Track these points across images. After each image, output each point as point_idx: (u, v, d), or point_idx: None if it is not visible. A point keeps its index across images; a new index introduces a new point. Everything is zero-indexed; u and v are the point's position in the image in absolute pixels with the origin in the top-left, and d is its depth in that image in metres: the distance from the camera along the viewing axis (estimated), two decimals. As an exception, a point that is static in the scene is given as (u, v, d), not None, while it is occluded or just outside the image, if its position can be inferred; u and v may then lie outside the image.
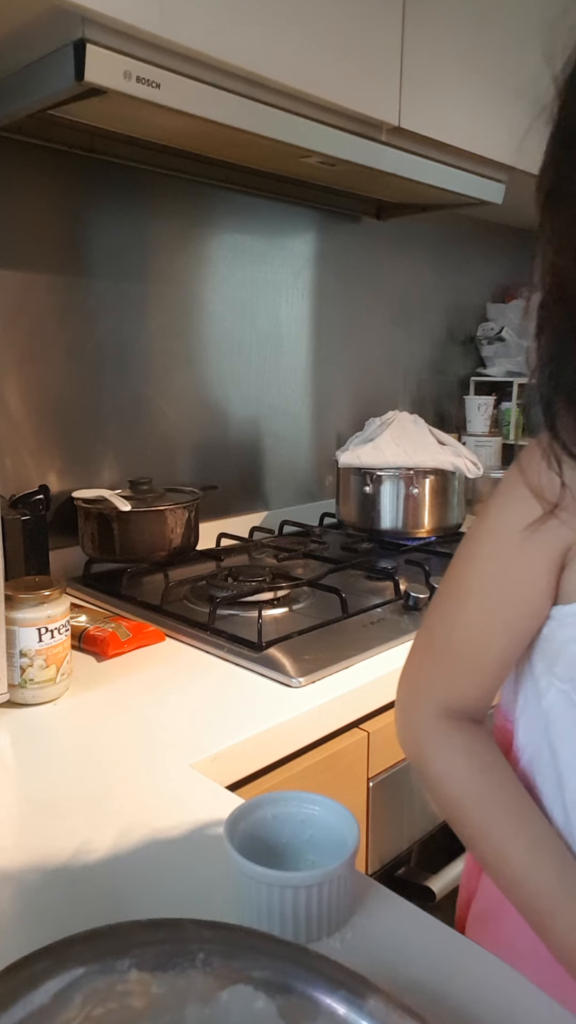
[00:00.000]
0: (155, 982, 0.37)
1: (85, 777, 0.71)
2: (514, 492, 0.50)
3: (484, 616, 0.53)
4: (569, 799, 0.50)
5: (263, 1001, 0.37)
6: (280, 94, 1.03)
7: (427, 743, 0.55)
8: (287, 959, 0.39)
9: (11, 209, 1.19)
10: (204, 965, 0.38)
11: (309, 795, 0.57)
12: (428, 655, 0.57)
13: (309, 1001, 0.37)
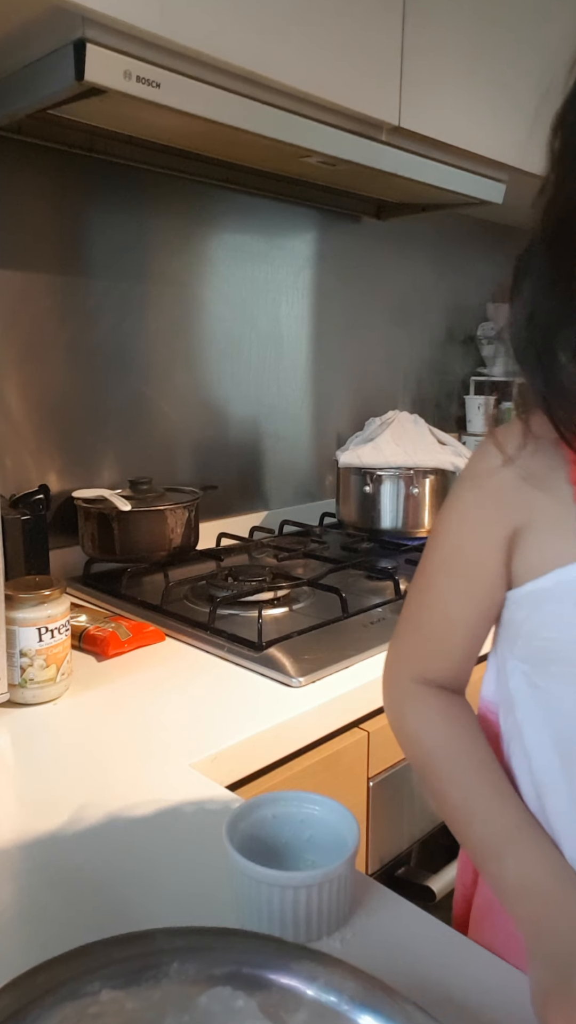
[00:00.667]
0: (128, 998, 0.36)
1: (85, 777, 0.71)
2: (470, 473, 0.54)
3: (449, 593, 0.56)
4: (537, 777, 0.51)
5: (242, 999, 0.37)
6: (280, 94, 1.03)
7: (407, 703, 0.58)
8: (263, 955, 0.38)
9: (11, 209, 1.19)
10: (178, 974, 0.37)
11: (309, 795, 0.57)
12: (406, 631, 0.60)
13: (289, 993, 0.37)
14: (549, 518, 0.48)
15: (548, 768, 0.51)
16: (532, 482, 0.49)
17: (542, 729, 0.51)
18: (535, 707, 0.51)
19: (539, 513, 0.49)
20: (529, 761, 0.52)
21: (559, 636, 0.48)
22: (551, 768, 0.50)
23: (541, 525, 0.49)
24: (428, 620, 0.58)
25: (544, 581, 0.48)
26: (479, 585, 0.53)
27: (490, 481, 0.51)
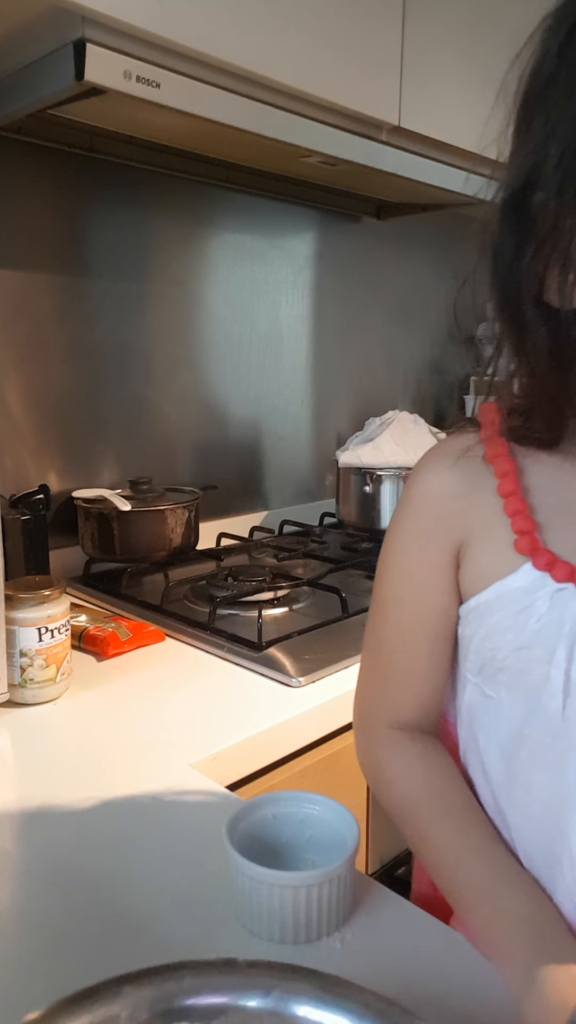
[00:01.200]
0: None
1: (85, 777, 0.71)
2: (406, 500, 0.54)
3: (402, 626, 0.55)
4: (494, 784, 0.52)
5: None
6: (280, 94, 1.03)
7: (382, 752, 0.57)
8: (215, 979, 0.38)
9: (11, 209, 1.19)
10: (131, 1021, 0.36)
11: (309, 795, 0.57)
12: (369, 673, 0.59)
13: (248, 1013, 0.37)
14: (484, 533, 0.49)
15: (499, 774, 0.51)
16: (466, 499, 0.50)
17: (490, 739, 0.51)
18: (486, 717, 0.51)
19: (477, 528, 0.50)
20: (484, 769, 0.52)
21: (502, 646, 0.48)
22: (500, 773, 0.51)
23: (478, 540, 0.50)
24: (390, 660, 0.57)
25: (485, 595, 0.49)
26: (434, 611, 0.53)
27: (426, 505, 0.53)
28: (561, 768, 0.46)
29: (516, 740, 0.49)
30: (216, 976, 0.38)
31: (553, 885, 0.47)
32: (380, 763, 0.58)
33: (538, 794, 0.48)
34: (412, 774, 0.55)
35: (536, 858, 0.48)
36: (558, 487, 0.49)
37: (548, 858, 0.48)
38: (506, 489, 0.48)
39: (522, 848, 0.50)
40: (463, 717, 0.54)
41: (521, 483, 0.48)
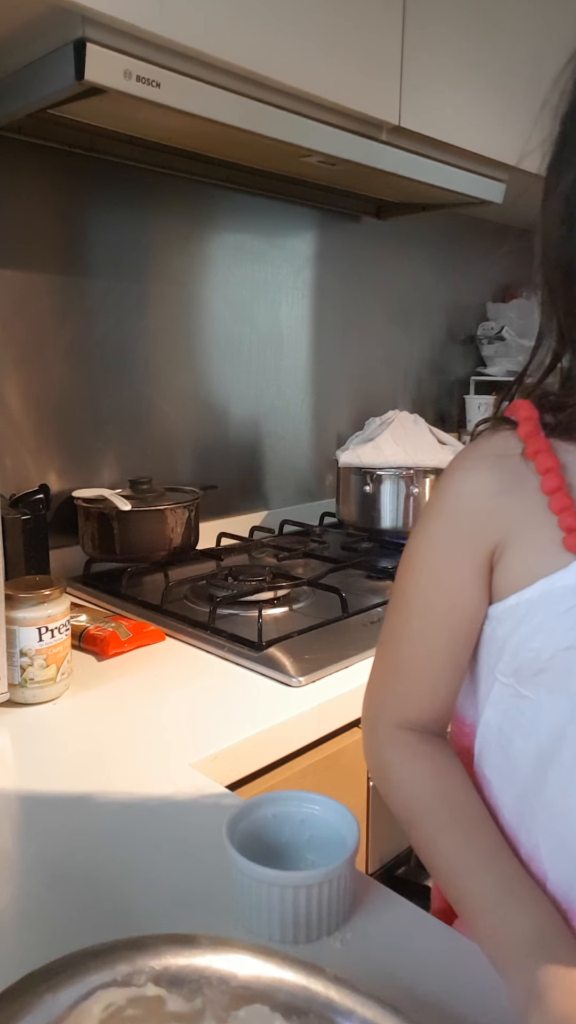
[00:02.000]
0: (170, 999, 0.37)
1: (85, 776, 0.71)
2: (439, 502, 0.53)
3: (425, 627, 0.54)
4: (522, 786, 0.51)
5: (280, 1022, 0.37)
6: (280, 93, 1.03)
7: (390, 752, 0.57)
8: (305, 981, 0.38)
9: (11, 209, 1.19)
10: (220, 983, 0.38)
11: (309, 795, 0.57)
12: (383, 671, 0.58)
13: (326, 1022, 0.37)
14: (527, 531, 0.48)
15: (531, 775, 0.50)
16: (506, 498, 0.49)
17: (527, 739, 0.50)
18: (522, 718, 0.51)
19: (517, 527, 0.49)
20: (512, 771, 0.52)
21: (548, 645, 0.48)
22: (532, 775, 0.50)
23: (520, 539, 0.49)
24: (408, 660, 0.56)
25: (528, 593, 0.48)
26: (460, 615, 0.53)
27: (461, 507, 0.52)
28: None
29: (558, 741, 0.48)
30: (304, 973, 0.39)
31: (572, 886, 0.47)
32: (388, 763, 0.57)
33: (573, 795, 0.47)
34: (421, 777, 0.54)
35: (564, 857, 0.48)
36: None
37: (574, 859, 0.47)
38: (550, 486, 0.47)
39: (549, 848, 0.49)
40: (489, 719, 0.53)
41: (566, 480, 0.47)
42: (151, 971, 0.37)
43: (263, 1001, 0.38)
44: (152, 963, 0.38)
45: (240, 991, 0.38)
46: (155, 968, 0.38)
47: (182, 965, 0.38)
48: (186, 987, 0.37)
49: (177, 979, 0.38)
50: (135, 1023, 0.36)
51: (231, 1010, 0.37)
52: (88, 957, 0.37)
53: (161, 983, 0.37)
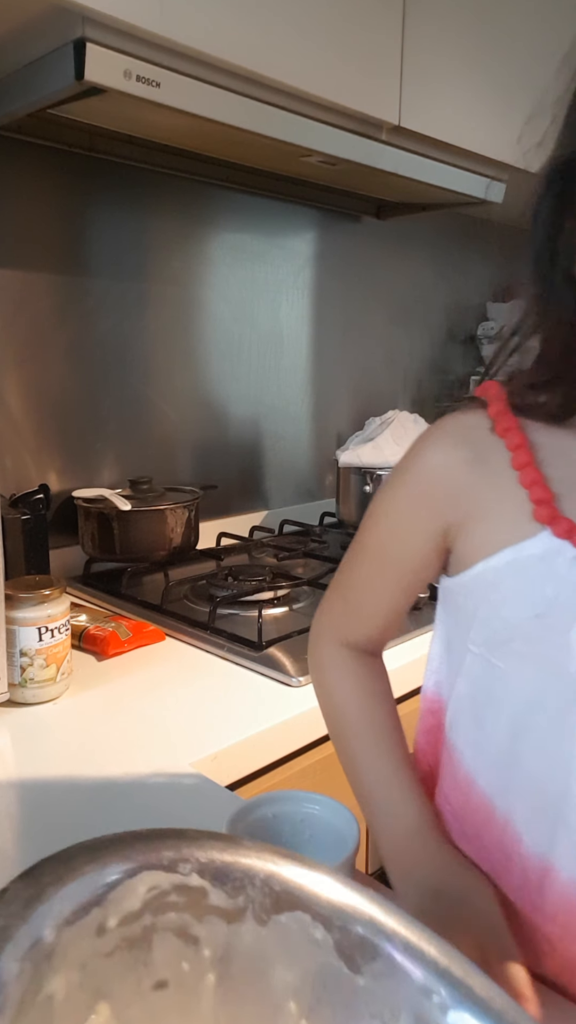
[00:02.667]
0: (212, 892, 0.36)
1: (85, 776, 0.71)
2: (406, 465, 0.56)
3: (374, 571, 0.59)
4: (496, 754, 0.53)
5: (321, 932, 0.37)
6: (280, 93, 1.03)
7: (326, 661, 0.63)
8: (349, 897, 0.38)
9: (11, 208, 1.19)
10: (263, 884, 0.37)
11: (309, 794, 0.57)
12: (334, 599, 0.63)
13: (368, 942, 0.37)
14: (495, 504, 0.51)
15: (505, 743, 0.52)
16: (473, 471, 0.52)
17: (500, 709, 0.52)
18: (494, 687, 0.52)
19: (484, 499, 0.51)
20: (486, 739, 0.53)
21: (517, 612, 0.49)
22: (507, 743, 0.52)
23: (487, 511, 0.51)
24: (355, 595, 0.62)
25: (495, 560, 0.50)
26: (409, 567, 0.57)
27: (426, 477, 0.54)
28: (573, 730, 0.47)
29: (531, 708, 0.50)
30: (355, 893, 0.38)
31: (553, 842, 0.49)
32: (323, 671, 0.63)
33: (549, 759, 0.49)
34: (347, 690, 0.60)
35: (539, 821, 0.50)
36: (569, 460, 0.50)
37: (551, 819, 0.49)
38: (520, 461, 0.50)
39: (524, 813, 0.51)
40: (461, 691, 0.55)
41: (535, 455, 0.50)
42: (196, 862, 0.36)
43: (305, 909, 0.37)
44: (197, 854, 0.36)
45: (283, 895, 0.37)
46: (200, 859, 0.36)
47: (227, 860, 0.37)
48: (229, 883, 0.36)
49: (221, 873, 0.37)
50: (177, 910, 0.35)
51: (272, 913, 0.37)
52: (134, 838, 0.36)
53: (205, 875, 0.36)
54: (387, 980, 0.36)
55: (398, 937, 0.37)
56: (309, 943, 0.37)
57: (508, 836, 0.52)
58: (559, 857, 0.48)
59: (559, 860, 0.48)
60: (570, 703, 0.48)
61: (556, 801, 0.48)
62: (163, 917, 0.35)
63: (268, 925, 0.37)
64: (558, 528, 0.47)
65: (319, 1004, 0.37)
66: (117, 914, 0.33)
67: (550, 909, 0.49)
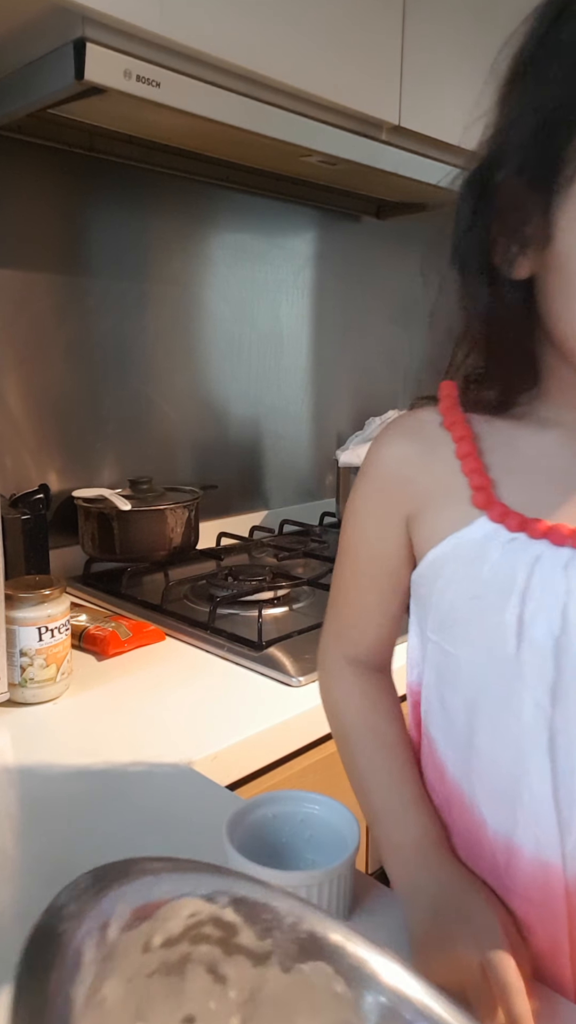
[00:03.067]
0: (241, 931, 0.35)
1: (85, 776, 0.71)
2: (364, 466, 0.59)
3: (355, 576, 0.61)
4: (460, 740, 0.53)
5: (342, 987, 0.36)
6: (280, 93, 1.03)
7: (333, 680, 0.63)
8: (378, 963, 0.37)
9: (11, 208, 1.19)
10: (291, 930, 0.36)
11: (309, 794, 0.57)
12: (329, 614, 0.64)
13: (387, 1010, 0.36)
14: (442, 493, 0.53)
15: (464, 728, 0.53)
16: (423, 463, 0.54)
17: (456, 694, 0.53)
18: (449, 674, 0.54)
19: (433, 490, 0.53)
20: (450, 726, 0.54)
21: (458, 595, 0.51)
22: (466, 727, 0.53)
23: (436, 500, 0.53)
24: (344, 605, 0.62)
25: (441, 547, 0.52)
26: (384, 566, 0.58)
27: (382, 472, 0.57)
28: (519, 710, 0.48)
29: (479, 690, 0.51)
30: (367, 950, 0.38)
31: (514, 822, 0.50)
32: (330, 690, 0.63)
33: (501, 740, 0.50)
34: (352, 706, 0.61)
35: (499, 802, 0.51)
36: (510, 448, 0.52)
37: (510, 799, 0.50)
38: (463, 451, 0.52)
39: (485, 795, 0.52)
40: (428, 680, 0.56)
41: (477, 446, 0.52)
42: (231, 895, 0.36)
43: (328, 960, 0.36)
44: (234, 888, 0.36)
45: (306, 945, 0.36)
46: (235, 894, 0.36)
47: (259, 900, 0.36)
48: (259, 924, 0.36)
49: (253, 912, 0.36)
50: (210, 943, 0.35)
51: (296, 961, 0.36)
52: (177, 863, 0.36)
53: (240, 911, 0.36)
54: None
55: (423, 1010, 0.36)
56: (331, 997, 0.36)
57: (475, 820, 0.52)
58: (520, 837, 0.49)
59: (520, 840, 0.49)
60: (512, 683, 0.48)
61: (512, 782, 0.49)
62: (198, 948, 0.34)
63: (291, 973, 0.36)
64: (493, 512, 0.49)
65: None
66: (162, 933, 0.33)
67: (520, 891, 0.50)
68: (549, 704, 0.47)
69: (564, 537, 0.47)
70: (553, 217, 0.44)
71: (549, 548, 0.47)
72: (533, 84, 0.45)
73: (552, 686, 0.46)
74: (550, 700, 0.47)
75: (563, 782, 0.47)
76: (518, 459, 0.52)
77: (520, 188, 0.46)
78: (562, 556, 0.47)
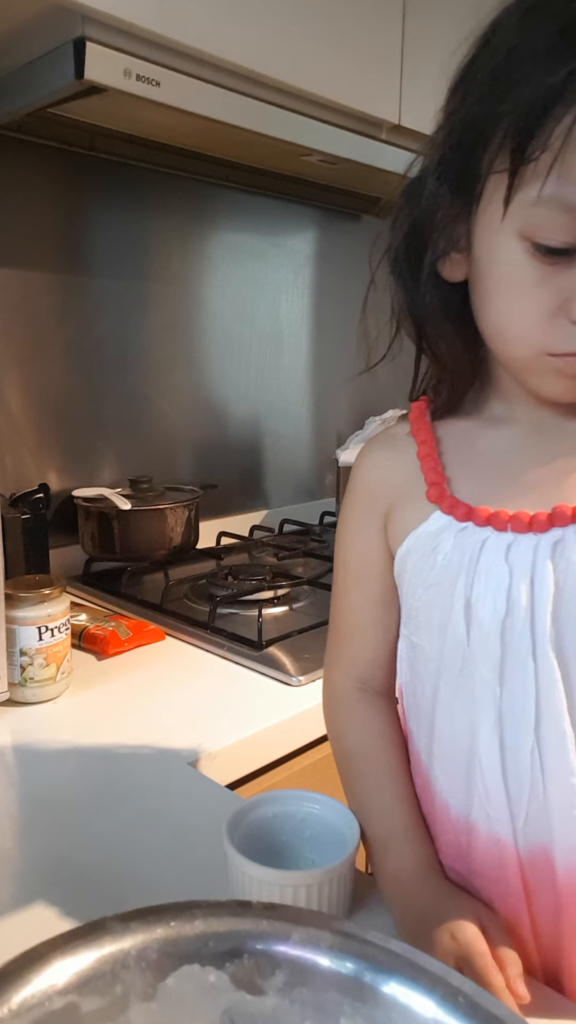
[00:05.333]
0: (83, 1001, 0.34)
1: (85, 775, 0.72)
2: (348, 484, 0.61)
3: (348, 592, 0.62)
4: (425, 727, 0.55)
5: (214, 974, 0.35)
6: (280, 92, 1.03)
7: (337, 705, 0.63)
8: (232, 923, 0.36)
9: (11, 207, 1.19)
10: (139, 961, 0.35)
11: (309, 794, 0.57)
12: (330, 637, 0.65)
13: (264, 956, 0.35)
14: (407, 494, 0.55)
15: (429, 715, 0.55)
16: (392, 469, 0.58)
17: (424, 684, 0.55)
18: (417, 664, 0.56)
19: (401, 492, 0.56)
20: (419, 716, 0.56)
21: (417, 585, 0.54)
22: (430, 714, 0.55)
23: (403, 501, 0.56)
24: (342, 623, 0.63)
25: (406, 544, 0.54)
26: (371, 574, 0.59)
27: (359, 482, 0.61)
28: (470, 691, 0.50)
29: (439, 676, 0.53)
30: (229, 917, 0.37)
31: (469, 801, 0.51)
32: (333, 715, 0.64)
33: (456, 721, 0.52)
34: (352, 732, 0.61)
35: (456, 782, 0.53)
36: (467, 445, 0.55)
37: (465, 778, 0.51)
38: (423, 452, 0.56)
39: (445, 777, 0.54)
40: (405, 676, 0.58)
41: (437, 448, 0.56)
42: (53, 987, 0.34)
43: (191, 960, 0.35)
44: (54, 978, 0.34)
45: (162, 960, 0.35)
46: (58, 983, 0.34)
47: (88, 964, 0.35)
48: (99, 981, 0.34)
49: (86, 979, 0.34)
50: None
51: (157, 983, 0.35)
52: None
53: (69, 992, 0.34)
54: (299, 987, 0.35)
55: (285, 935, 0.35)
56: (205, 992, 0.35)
57: (440, 804, 0.54)
58: (475, 816, 0.51)
59: (476, 818, 0.51)
60: (465, 666, 0.50)
61: (466, 762, 0.51)
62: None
63: (157, 997, 0.35)
64: (444, 505, 0.52)
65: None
66: None
67: (479, 869, 0.52)
68: (497, 683, 0.49)
69: (504, 522, 0.49)
70: (472, 225, 0.48)
71: (494, 534, 0.49)
72: (460, 98, 0.49)
73: (499, 666, 0.48)
74: (497, 679, 0.49)
75: (511, 759, 0.48)
76: (473, 455, 0.55)
77: (445, 195, 0.49)
78: (504, 541, 0.49)
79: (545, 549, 0.47)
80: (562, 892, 0.48)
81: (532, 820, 0.48)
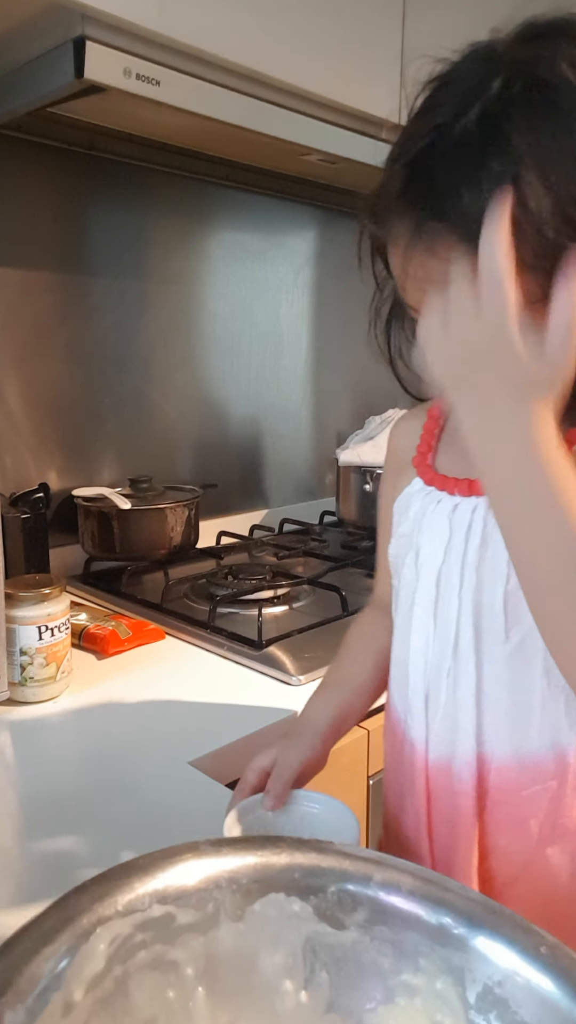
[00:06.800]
0: (180, 912, 0.36)
1: (85, 774, 0.72)
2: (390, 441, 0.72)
3: (380, 538, 0.72)
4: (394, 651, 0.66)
5: (298, 904, 0.38)
6: (280, 91, 1.03)
7: (358, 615, 0.80)
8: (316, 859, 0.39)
9: (10, 207, 1.19)
10: (229, 884, 0.38)
11: (309, 793, 0.57)
12: None
13: (346, 894, 0.38)
14: (409, 460, 0.66)
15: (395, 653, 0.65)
16: (407, 438, 0.68)
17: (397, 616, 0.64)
18: (395, 601, 0.65)
19: (406, 458, 0.66)
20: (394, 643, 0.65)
21: (394, 537, 0.64)
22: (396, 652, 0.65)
23: (407, 466, 0.66)
24: (377, 561, 0.75)
25: (398, 501, 0.65)
26: (389, 523, 0.68)
27: (389, 446, 0.72)
28: (413, 623, 0.60)
29: (397, 611, 0.64)
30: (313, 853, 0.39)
31: (405, 712, 0.62)
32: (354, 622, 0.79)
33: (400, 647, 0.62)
34: (352, 628, 0.77)
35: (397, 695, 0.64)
36: None
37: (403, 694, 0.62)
38: (428, 426, 0.66)
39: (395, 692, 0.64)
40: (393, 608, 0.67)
41: (440, 423, 0.66)
42: (154, 892, 0.36)
43: (277, 889, 0.38)
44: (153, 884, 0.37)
45: (252, 886, 0.38)
46: (157, 888, 0.37)
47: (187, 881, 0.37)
48: (194, 896, 0.37)
49: (182, 892, 0.37)
50: (146, 947, 0.35)
51: (246, 906, 0.38)
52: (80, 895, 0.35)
53: (167, 901, 0.36)
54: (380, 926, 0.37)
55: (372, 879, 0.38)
56: (289, 919, 0.37)
57: (392, 714, 0.64)
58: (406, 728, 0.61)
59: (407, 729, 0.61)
60: (412, 604, 0.60)
61: (405, 680, 0.61)
62: (133, 960, 0.35)
63: (245, 919, 0.37)
64: (419, 471, 0.63)
65: (314, 973, 0.37)
66: (81, 985, 0.32)
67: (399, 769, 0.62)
68: (431, 619, 0.59)
69: (452, 486, 0.59)
70: None
71: (446, 497, 0.59)
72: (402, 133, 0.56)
73: (434, 605, 0.59)
74: (432, 616, 0.59)
75: (433, 682, 0.59)
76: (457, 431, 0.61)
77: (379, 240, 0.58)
78: (452, 502, 0.59)
79: (481, 510, 0.56)
80: (459, 805, 0.56)
81: (440, 733, 0.58)
